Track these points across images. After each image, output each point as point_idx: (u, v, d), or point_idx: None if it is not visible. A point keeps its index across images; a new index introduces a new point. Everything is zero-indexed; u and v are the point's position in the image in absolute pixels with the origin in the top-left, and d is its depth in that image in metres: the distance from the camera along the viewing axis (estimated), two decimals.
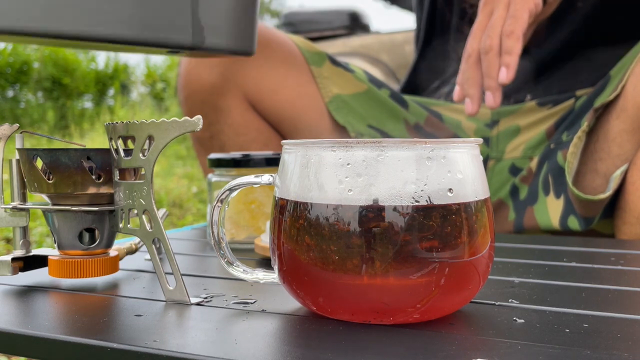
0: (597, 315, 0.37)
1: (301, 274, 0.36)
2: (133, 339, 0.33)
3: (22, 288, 0.44)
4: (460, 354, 0.30)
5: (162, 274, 0.40)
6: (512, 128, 0.91)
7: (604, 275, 0.49)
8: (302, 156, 0.36)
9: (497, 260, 0.54)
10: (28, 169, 0.44)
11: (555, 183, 0.79)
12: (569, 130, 0.82)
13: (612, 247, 0.62)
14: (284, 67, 0.93)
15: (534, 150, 0.88)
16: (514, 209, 0.85)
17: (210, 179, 0.64)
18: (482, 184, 0.36)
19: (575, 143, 0.75)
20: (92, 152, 0.43)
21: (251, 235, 0.61)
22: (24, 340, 0.35)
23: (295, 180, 0.36)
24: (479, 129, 0.93)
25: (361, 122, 0.92)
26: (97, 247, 0.45)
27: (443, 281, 0.34)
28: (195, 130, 0.38)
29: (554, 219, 0.78)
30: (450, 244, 0.34)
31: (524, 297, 0.41)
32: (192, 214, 2.25)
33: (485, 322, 0.36)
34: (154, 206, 0.40)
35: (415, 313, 0.34)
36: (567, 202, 0.77)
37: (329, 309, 0.36)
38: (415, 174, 0.33)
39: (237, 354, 0.31)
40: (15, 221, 0.44)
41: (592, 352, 0.30)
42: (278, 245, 0.37)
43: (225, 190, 0.39)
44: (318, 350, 0.31)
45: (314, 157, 0.35)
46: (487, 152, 0.92)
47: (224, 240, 0.40)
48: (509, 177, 0.89)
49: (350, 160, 0.34)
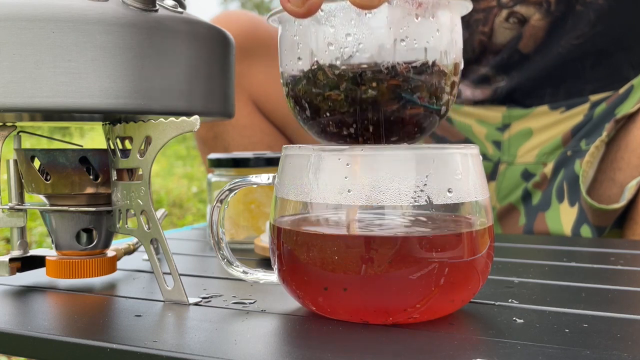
0: (597, 315, 0.37)
1: (301, 274, 0.35)
2: (132, 339, 0.33)
3: (20, 288, 0.44)
4: (460, 354, 0.30)
5: (160, 274, 0.40)
6: (524, 131, 0.91)
7: (603, 275, 0.48)
8: (302, 156, 0.36)
9: (497, 260, 0.53)
10: (26, 169, 0.44)
11: (570, 191, 0.79)
12: (587, 139, 0.81)
13: (612, 247, 0.62)
14: None
15: (548, 157, 0.87)
16: (525, 213, 0.85)
17: (210, 179, 0.64)
18: (481, 184, 0.36)
19: (592, 152, 0.74)
20: (90, 153, 0.43)
21: (251, 235, 0.61)
22: (23, 341, 0.34)
23: (295, 180, 0.36)
24: (490, 132, 0.93)
25: None
26: (94, 248, 0.45)
27: (443, 281, 0.33)
28: (192, 130, 0.38)
29: (566, 227, 0.78)
30: (450, 244, 0.34)
31: (524, 297, 0.41)
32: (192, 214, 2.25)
33: (485, 322, 0.36)
34: (151, 206, 0.40)
35: (415, 313, 0.34)
36: (581, 211, 0.76)
37: (328, 309, 0.36)
38: (415, 174, 0.33)
39: (236, 354, 0.31)
40: (12, 222, 0.44)
41: (592, 352, 0.30)
42: (278, 245, 0.37)
43: (225, 190, 0.39)
44: (318, 350, 0.31)
45: (314, 157, 0.35)
46: (498, 155, 0.91)
47: (224, 241, 0.40)
48: (521, 182, 0.88)
49: (350, 160, 0.34)
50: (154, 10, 0.39)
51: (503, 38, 0.92)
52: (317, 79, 0.37)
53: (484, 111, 0.94)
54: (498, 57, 0.93)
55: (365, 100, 0.36)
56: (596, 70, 0.90)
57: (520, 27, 0.91)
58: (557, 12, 0.88)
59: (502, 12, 0.92)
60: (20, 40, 0.36)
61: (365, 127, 0.37)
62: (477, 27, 0.94)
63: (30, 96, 0.37)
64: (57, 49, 0.36)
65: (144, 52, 0.38)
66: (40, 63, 0.36)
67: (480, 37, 0.94)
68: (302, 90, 0.38)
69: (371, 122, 0.37)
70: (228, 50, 0.45)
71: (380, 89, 0.35)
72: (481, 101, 0.95)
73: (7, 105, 0.37)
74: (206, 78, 0.42)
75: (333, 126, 0.38)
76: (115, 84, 0.37)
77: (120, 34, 0.37)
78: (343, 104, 0.37)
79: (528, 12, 0.90)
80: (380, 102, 0.36)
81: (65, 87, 0.37)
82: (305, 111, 0.39)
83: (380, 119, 0.36)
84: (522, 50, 0.92)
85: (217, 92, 0.44)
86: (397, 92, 0.36)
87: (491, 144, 0.92)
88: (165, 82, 0.39)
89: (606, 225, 0.74)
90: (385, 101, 0.36)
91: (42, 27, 0.36)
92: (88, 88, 0.37)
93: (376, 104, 0.36)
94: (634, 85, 0.80)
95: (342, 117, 0.37)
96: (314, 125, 0.40)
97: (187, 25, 0.40)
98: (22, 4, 0.36)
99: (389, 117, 0.37)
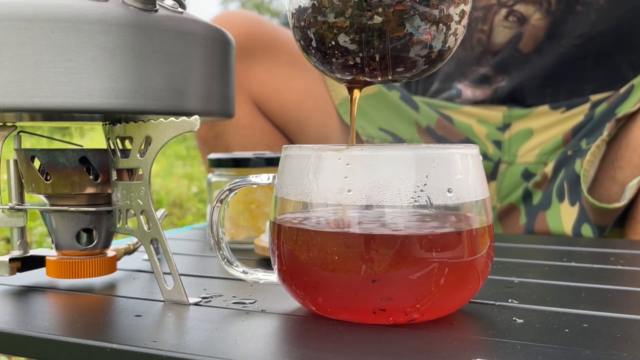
0: (597, 315, 0.37)
1: (301, 274, 0.35)
2: (132, 339, 0.33)
3: (20, 288, 0.44)
4: (460, 354, 0.30)
5: (160, 274, 0.40)
6: (524, 131, 0.91)
7: (603, 275, 0.48)
8: (302, 156, 0.36)
9: (496, 260, 0.53)
10: (26, 169, 0.44)
11: (570, 190, 0.79)
12: (588, 138, 0.81)
13: (612, 247, 0.62)
14: (290, 67, 0.92)
15: (548, 156, 0.87)
16: (525, 213, 0.85)
17: (210, 179, 0.64)
18: (481, 184, 0.36)
19: (593, 151, 0.75)
20: (90, 153, 0.43)
21: (251, 235, 0.61)
22: (23, 341, 0.34)
23: (295, 180, 0.36)
24: (491, 132, 0.93)
25: (372, 124, 0.91)
26: (94, 248, 0.45)
27: (443, 281, 0.33)
28: (192, 130, 0.38)
29: (567, 226, 0.78)
30: (450, 244, 0.34)
31: (524, 297, 0.41)
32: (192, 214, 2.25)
33: (485, 322, 0.36)
34: (151, 206, 0.40)
35: (415, 313, 0.34)
36: (582, 210, 0.76)
37: (328, 309, 0.36)
38: (415, 174, 0.33)
39: (236, 354, 0.31)
40: (12, 222, 0.44)
41: (592, 352, 0.30)
42: (278, 245, 0.37)
43: (225, 190, 0.39)
44: (317, 350, 0.31)
45: (314, 157, 0.35)
46: (499, 155, 0.91)
47: (224, 241, 0.40)
48: (521, 182, 0.88)
49: (350, 160, 0.34)
50: (154, 10, 0.39)
51: (502, 37, 0.92)
52: (322, 5, 0.36)
53: (485, 111, 0.94)
54: (498, 57, 0.93)
55: (371, 27, 0.35)
56: (597, 70, 0.90)
57: (519, 26, 0.91)
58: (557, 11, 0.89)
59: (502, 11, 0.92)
60: (20, 40, 0.36)
61: (372, 56, 0.36)
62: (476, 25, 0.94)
63: (30, 96, 0.37)
64: (57, 49, 0.36)
65: (144, 52, 0.38)
66: (40, 63, 0.36)
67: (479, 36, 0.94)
68: (307, 19, 0.37)
69: (378, 50, 0.36)
70: (228, 50, 0.45)
71: (386, 15, 0.35)
72: (482, 101, 0.95)
73: (7, 105, 0.37)
74: (206, 78, 0.42)
75: (339, 56, 0.37)
76: (115, 84, 0.37)
77: (120, 34, 0.37)
78: (349, 32, 0.36)
79: (527, 11, 0.90)
80: (386, 29, 0.35)
81: (65, 87, 0.37)
82: (312, 42, 0.38)
83: (387, 47, 0.36)
84: (522, 50, 0.92)
85: (217, 92, 0.43)
86: (404, 18, 0.35)
87: (492, 144, 0.92)
88: (165, 82, 0.39)
89: (607, 224, 0.74)
90: (392, 28, 0.35)
91: (42, 27, 0.36)
92: (88, 88, 0.37)
93: (382, 32, 0.35)
94: (635, 85, 0.80)
95: (348, 46, 0.36)
96: (320, 57, 0.38)
97: (187, 25, 0.40)
98: (22, 4, 0.36)
99: (396, 45, 0.36)
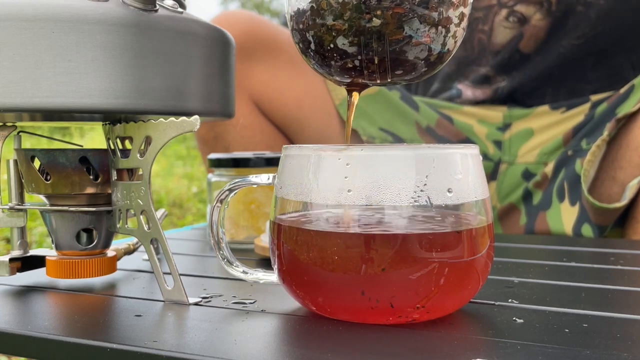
0: (596, 315, 0.37)
1: (301, 274, 0.35)
2: (132, 339, 0.33)
3: (20, 288, 0.44)
4: (460, 354, 0.30)
5: (160, 274, 0.40)
6: (524, 131, 0.90)
7: (603, 275, 0.48)
8: (302, 156, 0.36)
9: (496, 260, 0.53)
10: (26, 169, 0.44)
11: (570, 190, 0.79)
12: (588, 138, 0.81)
13: (612, 246, 0.62)
14: (291, 68, 0.92)
15: (549, 156, 0.87)
16: (525, 213, 0.85)
17: (210, 179, 0.64)
18: (481, 184, 0.36)
19: (593, 151, 0.75)
20: (90, 153, 0.43)
21: (251, 235, 0.61)
22: (23, 341, 0.34)
23: (295, 180, 0.36)
24: (491, 132, 0.93)
25: (372, 124, 0.91)
26: (94, 248, 0.45)
27: (443, 281, 0.33)
28: (192, 130, 0.38)
29: (567, 226, 0.78)
30: (450, 244, 0.34)
31: (524, 297, 0.41)
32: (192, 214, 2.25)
33: (485, 322, 0.36)
34: (151, 206, 0.40)
35: (415, 313, 0.34)
36: (582, 210, 0.76)
37: (328, 309, 0.36)
38: (415, 174, 0.33)
39: (236, 354, 0.31)
40: (12, 222, 0.44)
41: (592, 352, 0.30)
42: (278, 245, 0.37)
43: (225, 190, 0.39)
44: (318, 350, 0.31)
45: (314, 157, 0.35)
46: (499, 155, 0.91)
47: (224, 241, 0.40)
48: (522, 182, 0.88)
49: (350, 160, 0.34)
50: (154, 10, 0.39)
51: (503, 37, 0.92)
52: (320, 8, 0.36)
53: (485, 111, 0.94)
54: (499, 57, 0.93)
55: (370, 30, 0.35)
56: (597, 71, 0.90)
57: (520, 26, 0.91)
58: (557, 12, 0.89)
59: (502, 11, 0.92)
60: (20, 40, 0.36)
61: (371, 58, 0.36)
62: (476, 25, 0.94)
63: (30, 96, 0.37)
64: (57, 49, 0.36)
65: (144, 52, 0.38)
66: (40, 63, 0.36)
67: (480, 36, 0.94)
68: (306, 22, 0.37)
69: (376, 53, 0.36)
70: (228, 50, 0.45)
71: (385, 17, 0.35)
72: (482, 101, 0.95)
73: (7, 105, 0.37)
74: (206, 78, 0.42)
75: (338, 59, 0.37)
76: (115, 84, 0.37)
77: (120, 34, 0.37)
78: (347, 35, 0.36)
79: (528, 12, 0.90)
80: (385, 32, 0.35)
81: (65, 87, 0.37)
82: (310, 45, 0.38)
83: (386, 49, 0.36)
84: (522, 50, 0.92)
85: (217, 92, 0.43)
86: (403, 21, 0.35)
87: (492, 144, 0.92)
88: (165, 82, 0.39)
89: (607, 224, 0.74)
90: (391, 31, 0.35)
91: (42, 27, 0.36)
92: (88, 88, 0.37)
93: (381, 34, 0.35)
94: (635, 85, 0.80)
95: (346, 49, 0.36)
96: (319, 59, 0.38)
97: (187, 25, 0.40)
98: (22, 4, 0.36)
99: (395, 48, 0.36)
